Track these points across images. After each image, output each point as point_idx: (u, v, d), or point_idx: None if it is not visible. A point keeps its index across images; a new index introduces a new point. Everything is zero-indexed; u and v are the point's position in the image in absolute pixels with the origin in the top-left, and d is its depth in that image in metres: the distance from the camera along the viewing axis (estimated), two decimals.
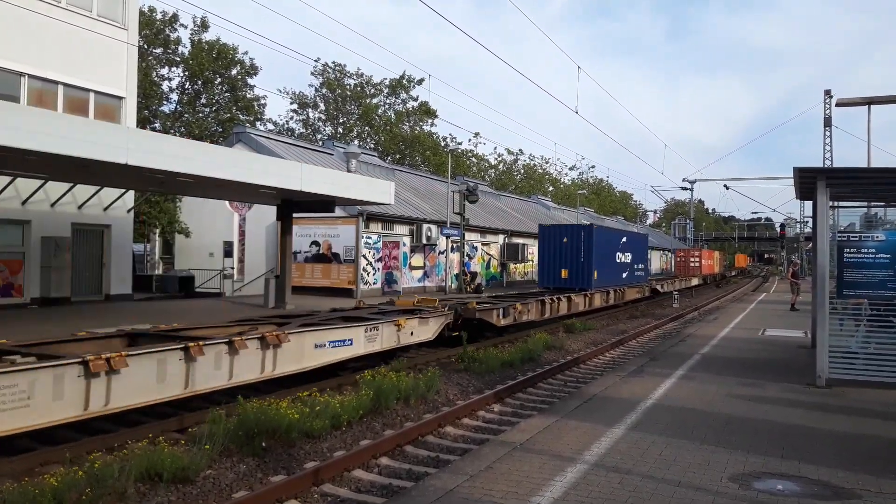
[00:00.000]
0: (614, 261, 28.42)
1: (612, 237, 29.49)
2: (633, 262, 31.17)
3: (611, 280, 27.59)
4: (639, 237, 34.89)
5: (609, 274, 27.32)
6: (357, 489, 7.34)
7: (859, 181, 11.23)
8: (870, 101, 25.56)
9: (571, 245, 25.30)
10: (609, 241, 28.24)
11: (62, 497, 6.17)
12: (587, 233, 25.66)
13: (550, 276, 25.79)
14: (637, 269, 31.91)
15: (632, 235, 33.59)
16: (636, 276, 31.82)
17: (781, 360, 13.16)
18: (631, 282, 30.97)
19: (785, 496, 5.68)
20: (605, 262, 26.70)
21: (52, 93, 20.03)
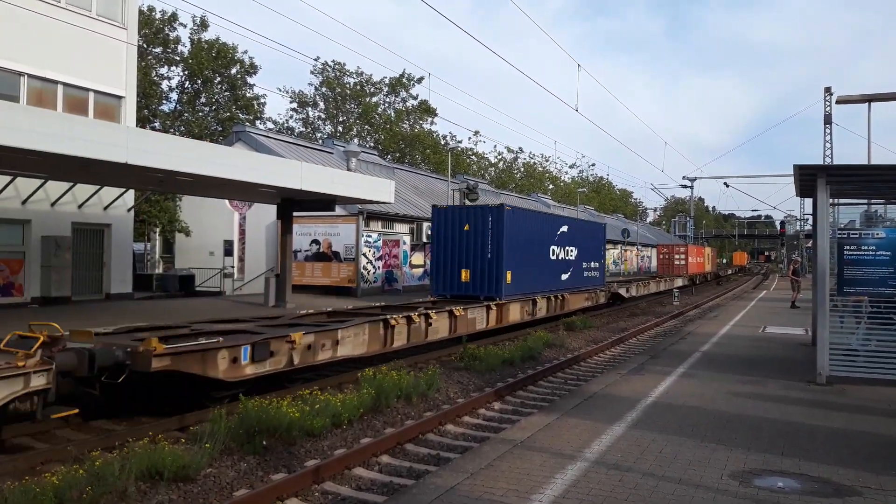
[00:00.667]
0: (546, 258, 21.67)
1: (541, 225, 21.90)
2: (579, 259, 24.43)
3: (540, 284, 21.05)
4: (589, 227, 27.25)
5: (536, 276, 20.63)
6: (358, 487, 7.35)
7: (859, 178, 11.22)
8: (870, 99, 25.55)
9: (475, 235, 18.76)
10: (536, 231, 21.09)
11: (63, 495, 6.18)
12: (496, 217, 18.58)
13: (448, 279, 19.10)
14: (587, 268, 25.34)
15: (577, 225, 25.87)
16: (586, 279, 25.21)
17: (782, 358, 13.16)
18: (577, 286, 24.23)
19: (785, 493, 5.68)
20: (527, 259, 20.04)
21: (51, 92, 20.03)
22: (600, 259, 27.18)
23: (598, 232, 27.83)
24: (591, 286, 25.70)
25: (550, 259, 22.06)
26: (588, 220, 31.89)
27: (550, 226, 22.79)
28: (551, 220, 23.86)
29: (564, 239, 23.15)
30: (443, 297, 19.04)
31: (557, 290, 22.41)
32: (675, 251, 48.53)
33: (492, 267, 18.51)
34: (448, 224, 19.26)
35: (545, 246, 21.63)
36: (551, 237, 22.25)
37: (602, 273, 27.31)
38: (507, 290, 18.63)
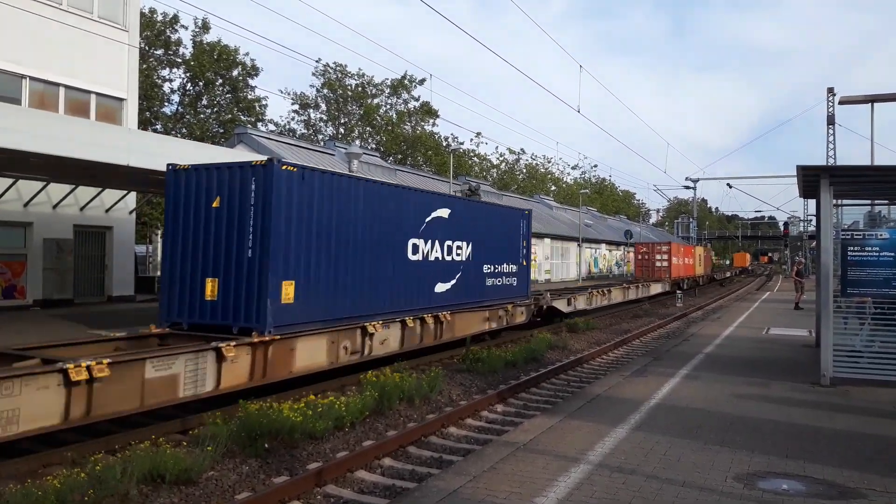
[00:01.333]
0: (399, 258, 13.71)
1: (381, 203, 13.19)
2: (476, 260, 16.66)
3: (383, 300, 13.18)
4: (497, 214, 18.88)
5: (370, 288, 12.77)
6: (360, 490, 7.32)
7: (863, 179, 11.19)
8: (873, 99, 25.48)
9: (230, 216, 10.87)
10: (370, 213, 12.80)
11: (65, 498, 6.16)
12: (264, 183, 10.48)
13: (186, 295, 11.15)
14: (493, 273, 17.60)
15: (471, 209, 17.13)
16: (491, 289, 17.47)
17: (785, 359, 13.12)
18: (470, 300, 16.40)
19: (790, 496, 5.65)
20: (347, 258, 12.17)
21: (53, 95, 20.06)
22: (519, 260, 19.10)
23: (515, 221, 19.09)
24: (499, 299, 17.82)
25: (409, 260, 13.93)
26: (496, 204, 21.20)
27: (407, 206, 13.90)
28: (408, 198, 14.14)
29: (441, 229, 15.08)
30: (176, 326, 11.09)
31: (426, 308, 14.42)
32: (655, 251, 40.74)
33: (252, 273, 10.45)
34: (190, 199, 11.13)
35: (396, 238, 13.48)
36: (410, 225, 14.06)
37: (524, 279, 19.36)
38: (286, 314, 10.64)
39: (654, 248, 41.14)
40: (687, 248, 48.81)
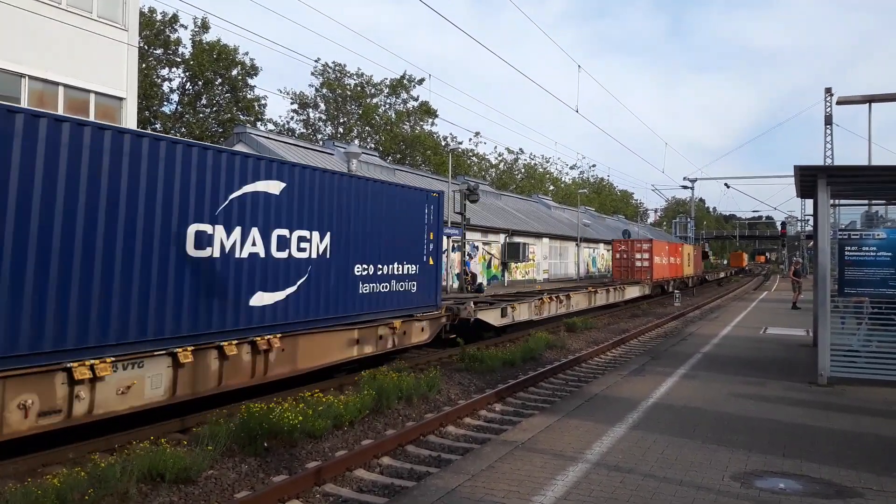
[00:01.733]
0: (174, 252, 9.02)
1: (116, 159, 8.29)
2: (335, 256, 12.05)
3: (132, 319, 8.41)
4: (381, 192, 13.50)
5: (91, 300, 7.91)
6: (359, 489, 7.35)
7: (860, 179, 11.22)
8: (871, 99, 25.53)
9: None
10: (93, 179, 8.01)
11: (65, 497, 6.18)
12: None
13: None
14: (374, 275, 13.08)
15: (329, 181, 12.10)
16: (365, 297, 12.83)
17: (783, 359, 13.16)
18: (333, 314, 12.01)
19: (787, 495, 5.68)
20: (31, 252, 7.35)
21: (52, 94, 20.05)
22: (423, 257, 14.45)
23: (415, 205, 14.39)
24: (383, 312, 13.25)
25: (189, 257, 9.31)
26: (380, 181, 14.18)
27: (186, 174, 9.27)
28: (188, 161, 9.32)
29: (265, 211, 10.57)
30: None
31: (230, 331, 9.84)
32: (635, 249, 36.74)
33: None
34: None
35: (160, 224, 8.92)
36: (194, 203, 9.40)
37: (431, 283, 14.72)
38: None
39: (634, 246, 36.87)
40: (673, 245, 44.35)
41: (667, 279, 39.54)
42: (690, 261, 48.42)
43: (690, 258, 48.63)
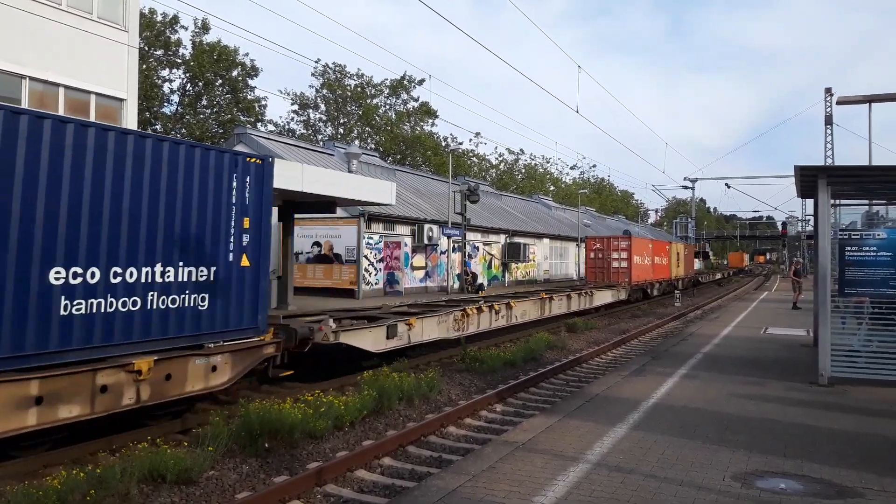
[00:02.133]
0: None
1: None
2: None
3: None
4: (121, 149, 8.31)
5: None
6: (360, 489, 7.35)
7: (860, 179, 11.22)
8: (871, 99, 25.54)
9: None
10: None
11: (65, 498, 6.19)
12: None
13: None
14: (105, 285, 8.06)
15: None
16: (81, 321, 7.80)
17: (783, 359, 13.15)
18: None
19: (788, 495, 5.68)
20: None
21: (53, 95, 20.06)
22: (226, 253, 9.90)
23: (213, 173, 9.71)
24: (123, 347, 8.37)
25: None
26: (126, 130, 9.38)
27: None
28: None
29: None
30: None
31: None
32: (611, 247, 32.31)
33: None
34: None
35: None
36: None
37: (249, 293, 10.22)
38: None
39: (611, 245, 32.38)
40: (659, 244, 39.76)
41: (650, 282, 35.57)
42: (680, 261, 44.04)
43: (680, 258, 44.20)
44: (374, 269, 27.78)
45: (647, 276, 34.74)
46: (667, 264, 39.35)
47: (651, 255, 35.99)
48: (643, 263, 34.14)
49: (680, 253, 43.86)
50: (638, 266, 32.79)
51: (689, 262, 48.64)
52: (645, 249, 35.12)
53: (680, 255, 43.72)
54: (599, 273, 32.11)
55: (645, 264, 34.53)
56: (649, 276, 35.29)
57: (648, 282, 35.08)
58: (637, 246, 33.11)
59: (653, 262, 35.99)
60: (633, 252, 32.19)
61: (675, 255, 42.12)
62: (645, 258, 34.68)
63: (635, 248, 32.54)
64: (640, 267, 33.17)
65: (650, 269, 35.49)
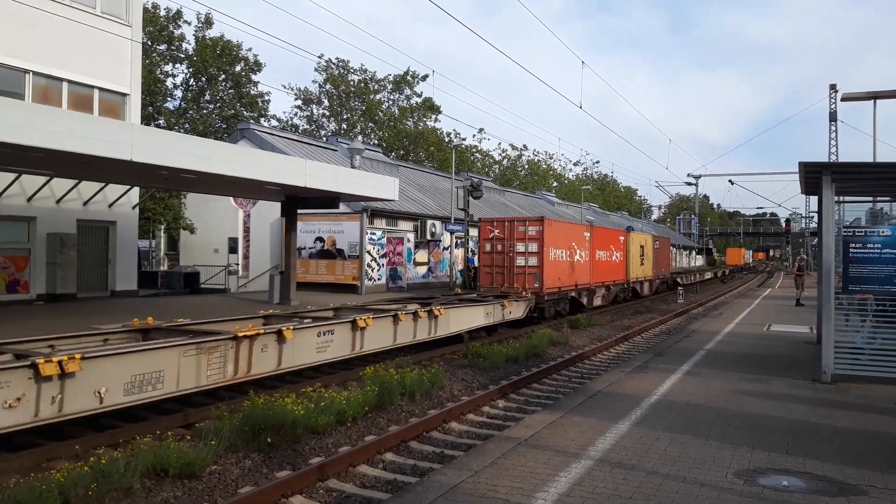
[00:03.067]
0: None
1: None
2: None
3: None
4: None
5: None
6: (362, 484, 7.36)
7: (865, 176, 11.18)
8: (876, 96, 25.43)
9: None
10: None
11: (68, 492, 6.20)
12: None
13: None
14: None
15: None
16: None
17: (786, 356, 13.13)
18: None
19: (790, 492, 5.67)
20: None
21: (56, 89, 20.07)
22: None
23: None
24: None
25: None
26: None
27: None
28: None
29: None
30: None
31: None
32: (516, 235, 22.03)
33: None
34: None
35: None
36: None
37: None
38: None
39: (515, 232, 21.90)
40: (606, 233, 29.52)
41: (584, 287, 24.94)
42: (646, 258, 33.83)
43: (647, 254, 33.90)
44: (376, 264, 27.79)
45: (576, 278, 24.33)
46: (620, 262, 29.89)
47: (587, 247, 25.62)
48: (567, 261, 23.52)
49: (645, 246, 33.85)
50: (555, 265, 22.35)
51: (662, 258, 38.29)
52: (574, 239, 24.44)
53: (646, 249, 33.96)
54: (498, 274, 22.03)
55: (572, 262, 23.92)
56: (583, 279, 25.04)
57: (579, 287, 24.52)
58: (553, 233, 22.30)
59: (591, 258, 25.93)
60: (549, 242, 21.76)
61: (637, 250, 32.04)
62: (575, 253, 24.30)
63: (549, 238, 21.82)
64: (560, 266, 22.82)
65: (586, 269, 25.38)
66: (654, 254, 35.75)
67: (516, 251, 21.85)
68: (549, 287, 21.84)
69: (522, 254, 21.74)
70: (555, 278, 22.46)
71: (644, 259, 33.49)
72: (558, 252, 22.83)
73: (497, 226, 22.51)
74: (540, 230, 21.74)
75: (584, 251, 25.42)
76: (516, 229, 22.05)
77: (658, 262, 36.79)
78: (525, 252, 21.75)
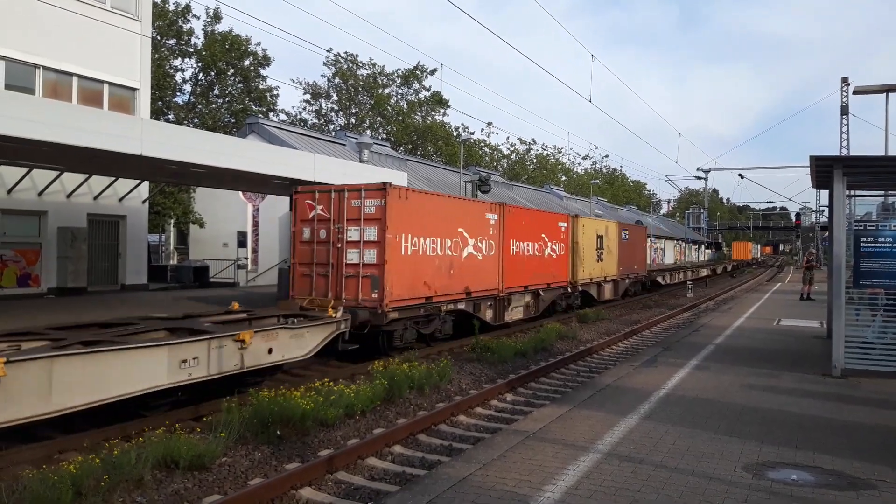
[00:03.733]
0: None
1: None
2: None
3: None
4: None
5: None
6: (371, 477, 7.39)
7: (876, 170, 11.10)
8: (889, 89, 25.18)
9: None
10: None
11: (80, 483, 6.26)
12: None
13: None
14: None
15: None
16: None
17: (796, 351, 13.08)
18: None
19: (799, 486, 5.66)
20: None
21: (66, 84, 20.17)
22: None
23: None
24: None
25: None
26: None
27: None
28: None
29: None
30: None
31: None
32: (348, 210, 13.78)
33: None
34: None
35: None
36: None
37: None
38: None
39: (346, 207, 13.88)
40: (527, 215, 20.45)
41: (484, 294, 16.96)
42: (610, 252, 26.56)
43: (610, 246, 26.48)
44: None
45: (469, 281, 16.15)
46: (560, 257, 21.72)
47: (495, 236, 17.44)
48: (449, 255, 15.43)
49: (606, 237, 26.12)
50: (417, 261, 14.35)
51: (634, 253, 30.69)
52: (464, 223, 16.10)
53: (607, 240, 26.21)
54: (321, 277, 14.11)
55: (455, 257, 15.62)
56: (483, 281, 16.82)
57: (481, 294, 16.78)
58: (414, 212, 14.34)
59: (502, 251, 17.66)
60: (397, 224, 13.67)
61: (590, 242, 24.34)
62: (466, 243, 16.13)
63: (404, 217, 13.94)
64: (423, 264, 14.55)
65: (489, 268, 17.11)
66: (622, 247, 28.33)
67: (347, 239, 13.67)
68: (397, 297, 13.52)
69: (355, 244, 13.56)
70: (410, 282, 13.98)
71: (604, 253, 25.78)
72: (422, 242, 14.40)
73: (321, 199, 14.11)
74: (381, 206, 13.36)
75: (487, 241, 16.90)
76: (348, 205, 13.72)
77: (628, 256, 29.26)
78: (359, 241, 13.51)
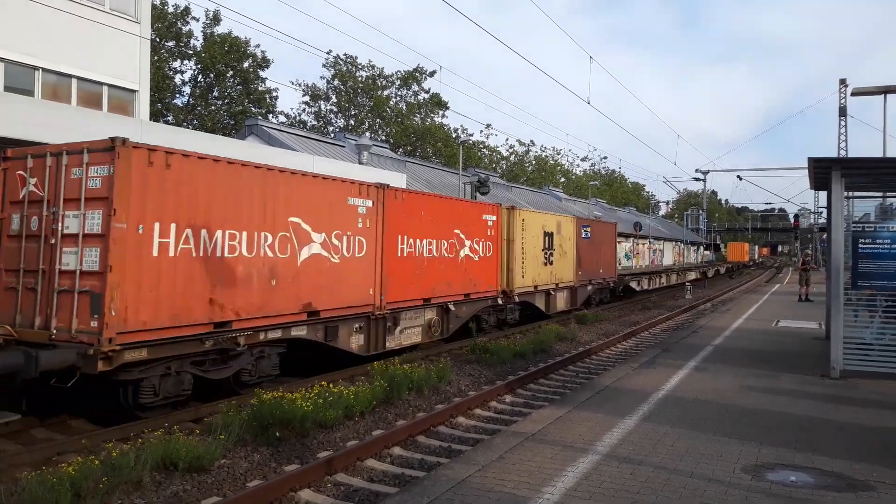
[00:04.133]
0: None
1: None
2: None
3: None
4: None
5: None
6: (370, 478, 7.39)
7: (875, 171, 11.12)
8: (886, 90, 25.24)
9: None
10: None
11: (79, 485, 6.26)
12: None
13: None
14: None
15: None
16: None
17: (795, 352, 13.09)
18: None
19: (798, 487, 5.66)
20: None
21: (66, 86, 20.17)
22: None
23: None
24: None
25: None
26: None
27: None
28: None
29: None
30: None
31: None
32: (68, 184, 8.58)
33: None
34: None
35: None
36: None
37: None
38: None
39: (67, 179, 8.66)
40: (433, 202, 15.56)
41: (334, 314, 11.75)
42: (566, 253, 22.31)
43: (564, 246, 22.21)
44: None
45: (314, 295, 11.30)
46: (488, 259, 17.28)
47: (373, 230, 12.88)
48: (265, 256, 10.33)
49: (559, 235, 21.85)
50: (192, 267, 9.14)
51: (599, 254, 25.90)
52: (303, 210, 11.12)
53: (559, 239, 21.88)
54: (28, 291, 8.79)
55: (277, 258, 10.54)
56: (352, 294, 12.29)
57: (337, 314, 11.90)
58: (187, 178, 9.52)
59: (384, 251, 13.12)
60: (137, 204, 8.52)
61: (535, 241, 20.08)
62: (309, 239, 11.25)
63: (160, 192, 8.95)
64: (214, 269, 9.44)
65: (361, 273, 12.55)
66: (582, 247, 23.76)
67: (63, 231, 8.76)
68: (143, 325, 8.54)
69: (73, 239, 8.64)
70: (175, 300, 8.95)
71: (555, 255, 21.36)
72: (203, 235, 9.42)
73: (36, 168, 9.19)
74: (109, 176, 8.48)
75: (351, 238, 12.31)
76: (67, 175, 8.85)
77: (591, 259, 24.68)
78: (78, 235, 8.59)
